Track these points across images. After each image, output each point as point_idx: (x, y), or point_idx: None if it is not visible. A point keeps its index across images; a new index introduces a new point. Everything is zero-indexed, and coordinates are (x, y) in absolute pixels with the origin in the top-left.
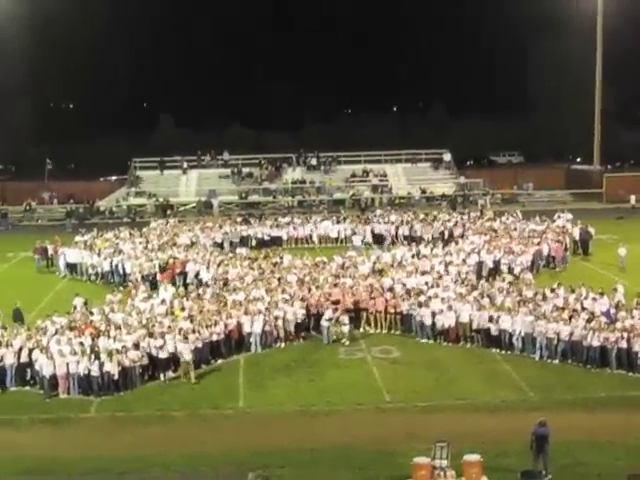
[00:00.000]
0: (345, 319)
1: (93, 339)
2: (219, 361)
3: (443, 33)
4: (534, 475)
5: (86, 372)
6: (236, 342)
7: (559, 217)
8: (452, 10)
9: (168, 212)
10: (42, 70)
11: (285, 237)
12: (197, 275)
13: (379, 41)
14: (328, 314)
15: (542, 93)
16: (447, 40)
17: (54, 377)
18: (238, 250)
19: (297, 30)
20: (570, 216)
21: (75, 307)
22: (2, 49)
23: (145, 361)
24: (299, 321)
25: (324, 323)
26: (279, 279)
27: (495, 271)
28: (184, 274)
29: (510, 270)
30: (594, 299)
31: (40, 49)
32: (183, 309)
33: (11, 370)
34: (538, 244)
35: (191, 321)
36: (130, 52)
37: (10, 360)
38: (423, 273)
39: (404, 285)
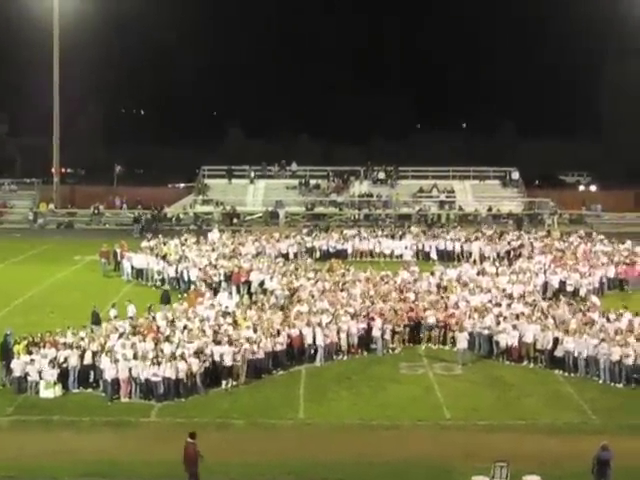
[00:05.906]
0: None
1: (156, 344)
2: (280, 371)
3: (516, 53)
4: None
5: (148, 377)
6: (298, 353)
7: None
8: (526, 30)
9: (234, 221)
10: (115, 76)
11: (350, 250)
12: (261, 284)
13: (452, 59)
14: (379, 325)
15: (614, 113)
16: (519, 60)
17: (116, 381)
18: (303, 261)
19: (372, 45)
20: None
21: (128, 313)
22: (76, 54)
23: (205, 368)
24: (361, 334)
25: (376, 334)
26: (342, 291)
27: (561, 292)
28: (248, 283)
29: (576, 291)
30: None
31: (113, 55)
32: (246, 318)
33: (74, 372)
34: (606, 265)
35: (254, 330)
36: (203, 61)
37: (74, 362)
38: (487, 291)
39: (468, 302)
